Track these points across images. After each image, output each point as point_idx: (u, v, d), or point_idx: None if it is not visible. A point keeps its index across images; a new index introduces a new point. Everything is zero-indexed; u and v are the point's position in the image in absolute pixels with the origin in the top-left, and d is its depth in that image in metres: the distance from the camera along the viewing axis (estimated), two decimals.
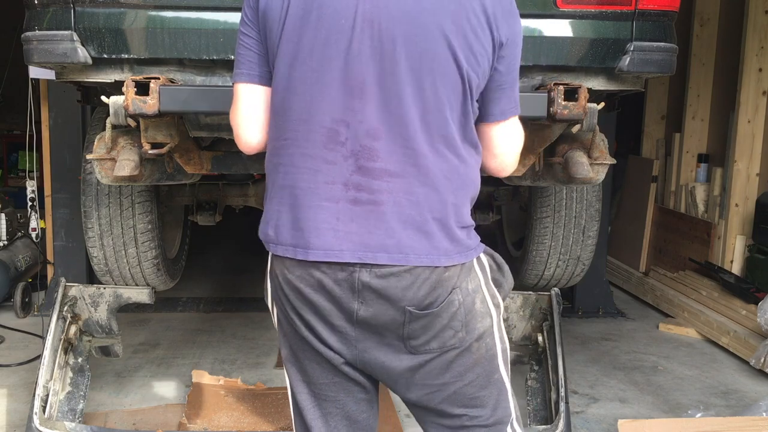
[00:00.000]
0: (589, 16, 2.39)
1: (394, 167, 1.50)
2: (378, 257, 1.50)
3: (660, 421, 3.09)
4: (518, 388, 3.32)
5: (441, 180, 1.54)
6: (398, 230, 1.51)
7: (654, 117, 5.90)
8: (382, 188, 1.51)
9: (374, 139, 1.50)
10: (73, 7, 2.28)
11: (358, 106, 1.50)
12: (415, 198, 1.52)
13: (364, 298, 1.53)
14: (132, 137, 2.58)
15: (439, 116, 1.52)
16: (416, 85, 1.50)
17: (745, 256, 4.84)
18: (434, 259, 1.54)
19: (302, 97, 1.52)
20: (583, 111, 2.31)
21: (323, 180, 1.52)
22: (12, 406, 3.32)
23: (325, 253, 1.51)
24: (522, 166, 2.82)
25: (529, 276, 3.76)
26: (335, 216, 1.51)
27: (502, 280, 1.71)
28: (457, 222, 1.57)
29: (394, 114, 1.50)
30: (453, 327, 1.57)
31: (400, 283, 1.52)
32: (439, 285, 1.55)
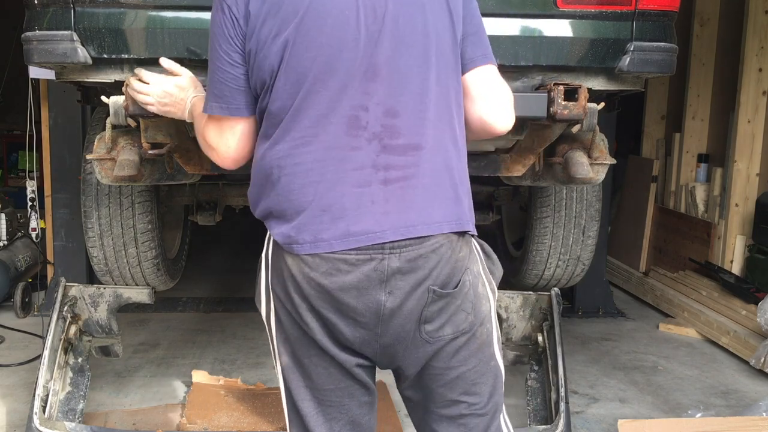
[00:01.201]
0: (589, 16, 2.39)
1: (416, 140, 1.55)
2: (418, 229, 1.54)
3: (660, 421, 3.09)
4: (518, 388, 3.34)
5: (450, 146, 1.60)
6: (431, 199, 1.56)
7: (654, 117, 5.90)
8: (409, 163, 1.55)
9: (393, 117, 1.54)
10: (73, 7, 2.27)
11: (372, 89, 1.53)
12: (438, 165, 1.57)
13: (392, 287, 1.54)
14: (132, 137, 2.58)
15: (442, 85, 1.59)
16: (421, 58, 1.56)
17: (745, 256, 4.84)
18: (463, 224, 1.60)
19: (321, 93, 1.53)
20: (583, 111, 2.31)
21: (351, 167, 1.53)
22: (12, 406, 3.32)
23: (367, 237, 1.52)
24: (522, 166, 2.82)
25: (529, 276, 3.76)
26: (370, 200, 1.53)
27: (493, 268, 1.74)
28: (466, 191, 1.64)
29: (406, 89, 1.55)
30: (465, 309, 1.60)
31: (427, 263, 1.55)
32: (456, 265, 1.59)
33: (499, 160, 2.83)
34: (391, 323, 1.57)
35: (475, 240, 1.69)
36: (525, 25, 2.40)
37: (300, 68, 1.53)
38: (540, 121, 2.45)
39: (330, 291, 1.55)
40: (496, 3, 2.37)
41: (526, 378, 2.95)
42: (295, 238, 1.56)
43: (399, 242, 1.53)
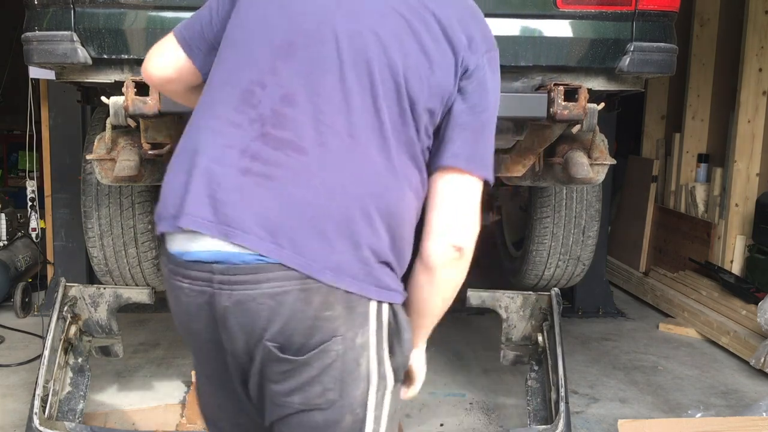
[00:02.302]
0: (589, 17, 2.39)
1: (303, 142, 1.28)
2: (247, 239, 1.24)
3: (660, 421, 3.09)
4: (518, 388, 3.34)
5: (359, 177, 1.29)
6: (285, 215, 1.26)
7: (654, 117, 5.90)
8: (281, 162, 1.27)
9: (288, 105, 1.30)
10: (73, 7, 2.28)
11: (280, 67, 1.33)
12: (319, 184, 1.27)
13: (225, 327, 1.29)
14: (132, 137, 2.58)
15: (367, 102, 1.32)
16: (349, 60, 1.32)
17: (745, 256, 4.84)
18: (319, 271, 1.24)
19: (229, 60, 1.39)
20: (583, 111, 2.31)
21: (222, 142, 1.31)
22: (12, 406, 3.32)
23: (194, 222, 1.28)
24: (522, 167, 2.82)
25: (529, 276, 3.77)
26: (218, 182, 1.28)
27: (397, 348, 1.35)
28: (370, 243, 1.28)
29: (317, 82, 1.31)
30: (322, 383, 1.28)
31: (263, 313, 1.25)
32: (317, 325, 1.25)
33: (499, 161, 2.83)
34: (234, 364, 1.33)
35: (390, 310, 1.33)
36: (525, 26, 2.40)
37: (233, 30, 1.42)
38: (540, 121, 2.46)
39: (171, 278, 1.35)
40: (496, 3, 2.37)
41: (526, 378, 2.95)
42: (159, 209, 1.38)
43: (229, 268, 1.26)
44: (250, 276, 1.25)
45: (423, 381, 1.56)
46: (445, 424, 3.16)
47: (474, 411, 3.31)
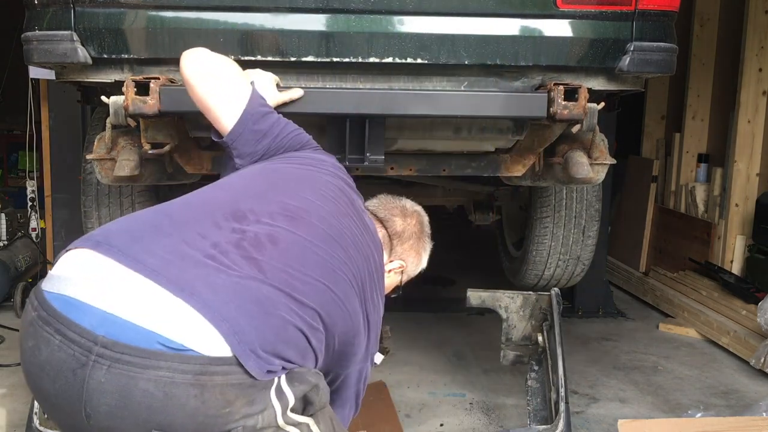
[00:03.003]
0: (589, 16, 2.39)
1: (266, 266, 1.37)
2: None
3: (660, 421, 3.08)
4: (518, 388, 3.33)
5: (280, 323, 1.34)
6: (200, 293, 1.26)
7: (654, 117, 5.90)
8: (242, 263, 1.35)
9: (271, 242, 1.42)
10: (73, 7, 2.27)
11: (280, 219, 1.49)
12: (265, 291, 1.34)
13: (92, 408, 1.22)
14: (132, 137, 2.58)
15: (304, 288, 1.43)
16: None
17: (745, 256, 4.84)
18: (245, 354, 1.24)
19: (246, 181, 1.65)
20: (583, 111, 2.31)
21: (198, 231, 1.39)
22: (12, 406, 3.32)
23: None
24: (522, 166, 2.82)
25: (529, 276, 3.76)
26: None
27: (315, 397, 1.40)
28: (273, 341, 1.31)
29: (304, 251, 1.47)
30: None
31: (146, 402, 1.18)
32: (216, 412, 1.21)
33: (499, 160, 2.83)
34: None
35: (288, 380, 1.33)
36: (525, 25, 2.40)
37: (272, 163, 1.74)
38: (540, 121, 2.45)
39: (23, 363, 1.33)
40: (496, 3, 2.37)
41: (526, 378, 2.95)
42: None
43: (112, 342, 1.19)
44: (137, 359, 1.22)
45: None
46: (445, 424, 3.16)
47: (474, 411, 3.31)
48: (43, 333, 1.25)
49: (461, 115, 2.43)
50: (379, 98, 2.35)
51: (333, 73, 2.41)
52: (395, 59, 2.36)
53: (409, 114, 2.42)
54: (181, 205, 1.51)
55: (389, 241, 1.85)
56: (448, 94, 2.40)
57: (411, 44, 2.35)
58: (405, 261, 1.88)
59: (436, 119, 2.54)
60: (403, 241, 1.87)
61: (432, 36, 2.36)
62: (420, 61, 2.37)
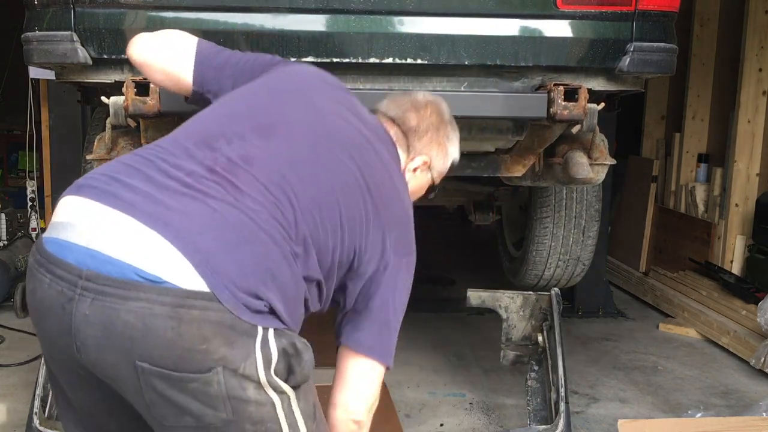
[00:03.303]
0: (589, 17, 2.39)
1: (242, 187, 1.34)
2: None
3: (660, 421, 3.09)
4: (518, 388, 3.33)
5: (263, 247, 1.32)
6: (184, 225, 1.27)
7: (654, 117, 5.90)
8: (215, 189, 1.33)
9: (245, 163, 1.38)
10: (73, 7, 2.28)
11: (251, 138, 1.44)
12: (242, 216, 1.31)
13: (81, 341, 1.25)
14: (132, 138, 2.58)
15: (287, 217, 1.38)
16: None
17: (745, 256, 4.84)
18: (221, 288, 1.23)
19: (215, 112, 1.57)
20: (583, 111, 2.31)
21: (174, 162, 1.38)
22: (12, 406, 3.32)
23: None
24: (522, 167, 2.83)
25: (529, 276, 3.77)
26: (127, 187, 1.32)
27: (297, 367, 1.36)
28: (257, 283, 1.29)
29: (279, 165, 1.42)
30: (215, 407, 1.27)
31: (129, 332, 1.21)
32: (192, 346, 1.22)
33: (499, 161, 2.83)
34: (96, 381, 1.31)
35: (276, 336, 1.32)
36: (525, 26, 2.40)
37: (234, 93, 1.64)
38: (540, 121, 2.46)
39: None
40: (496, 3, 2.37)
41: (526, 378, 2.95)
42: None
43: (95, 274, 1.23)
44: (120, 291, 1.23)
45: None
46: (445, 424, 3.16)
47: (474, 411, 3.31)
48: (38, 274, 1.31)
49: (461, 115, 2.42)
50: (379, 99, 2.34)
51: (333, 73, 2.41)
52: (395, 60, 2.36)
53: None
54: (155, 144, 1.48)
55: (404, 138, 1.70)
56: (448, 95, 2.39)
57: (411, 45, 2.35)
58: (428, 155, 1.73)
59: None
60: (420, 136, 1.71)
61: (432, 36, 2.36)
62: (420, 62, 2.37)
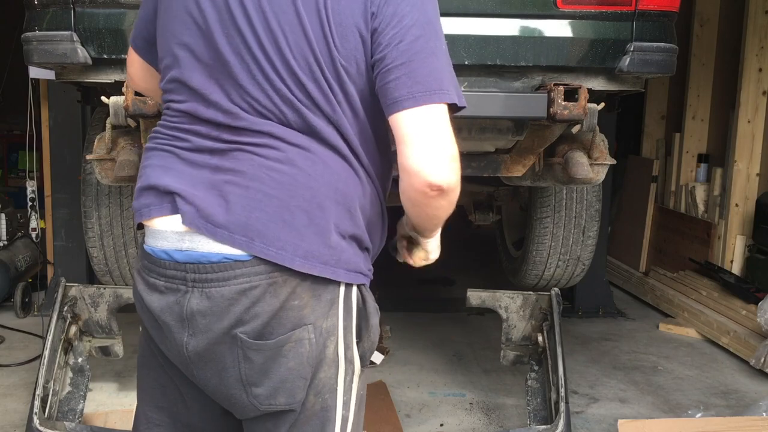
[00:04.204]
0: (589, 17, 2.40)
1: (260, 140, 1.31)
2: (218, 234, 1.27)
3: (660, 421, 3.09)
4: (518, 388, 3.34)
5: (312, 170, 1.30)
6: (252, 209, 1.28)
7: (654, 117, 5.90)
8: (243, 158, 1.30)
9: (233, 119, 1.33)
10: (73, 7, 2.28)
11: (208, 88, 1.34)
12: (278, 178, 1.29)
13: (194, 328, 1.31)
14: (132, 137, 2.58)
15: (298, 97, 1.32)
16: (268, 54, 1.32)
17: (745, 256, 4.84)
18: (289, 259, 1.26)
19: (174, 64, 1.40)
20: (583, 111, 2.31)
21: (189, 146, 1.36)
22: (12, 406, 3.32)
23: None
24: (522, 167, 2.83)
25: (529, 276, 3.77)
26: (191, 181, 1.32)
27: (364, 332, 1.38)
28: (337, 226, 1.31)
29: (249, 93, 1.32)
30: (303, 375, 1.30)
31: (230, 290, 1.27)
32: (285, 315, 1.28)
33: (499, 161, 2.83)
34: (205, 371, 1.35)
35: (358, 294, 1.36)
36: (525, 25, 2.40)
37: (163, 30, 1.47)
38: (540, 121, 2.46)
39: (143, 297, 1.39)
40: (496, 3, 2.37)
41: (526, 378, 2.95)
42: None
43: (201, 268, 1.28)
44: (217, 274, 1.28)
45: (434, 258, 1.60)
46: (445, 424, 3.17)
47: (474, 411, 3.31)
48: (150, 279, 1.36)
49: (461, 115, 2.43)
50: None
51: None
52: None
53: None
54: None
55: None
56: None
57: None
58: None
59: None
60: None
61: None
62: None
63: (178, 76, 1.37)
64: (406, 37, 1.28)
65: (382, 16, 1.28)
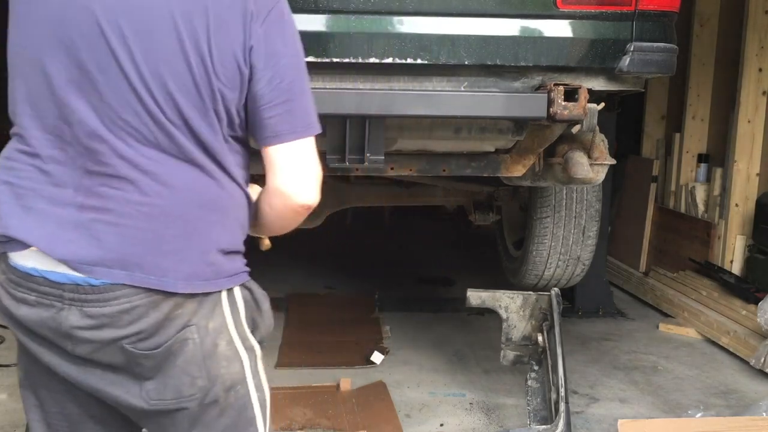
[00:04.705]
0: (589, 17, 2.40)
1: (121, 173, 1.31)
2: (96, 271, 1.29)
3: (660, 421, 3.09)
4: (518, 388, 3.33)
5: (185, 192, 1.34)
6: (127, 244, 1.30)
7: (654, 117, 5.90)
8: (109, 195, 1.31)
9: (96, 141, 1.31)
10: None
11: (74, 104, 1.31)
12: (149, 209, 1.31)
13: (75, 341, 1.33)
14: None
15: (170, 118, 1.32)
16: (142, 80, 1.31)
17: (745, 256, 4.84)
18: (172, 285, 1.31)
19: (25, 84, 1.35)
20: (583, 111, 2.32)
21: (52, 181, 1.33)
22: (12, 406, 3.32)
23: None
24: (522, 167, 2.83)
25: (529, 276, 3.77)
26: (57, 222, 1.31)
27: (259, 320, 1.47)
28: (215, 244, 1.37)
29: (113, 110, 1.30)
30: (190, 372, 1.36)
31: (111, 310, 1.30)
32: (168, 324, 1.33)
33: (499, 161, 2.83)
34: (90, 364, 1.37)
35: (241, 287, 1.43)
36: (525, 26, 2.40)
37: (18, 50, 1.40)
38: (540, 121, 2.46)
39: (10, 308, 1.37)
40: (496, 3, 2.37)
41: (526, 378, 2.95)
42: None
43: (80, 289, 1.29)
44: (99, 295, 1.30)
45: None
46: (445, 424, 3.17)
47: (474, 411, 3.31)
48: (19, 294, 1.35)
49: (461, 115, 2.43)
50: (379, 99, 2.35)
51: (333, 73, 2.42)
52: (395, 60, 2.36)
53: (409, 114, 2.42)
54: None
55: None
56: (448, 95, 2.40)
57: (411, 45, 2.36)
58: None
59: (436, 119, 2.54)
60: None
61: (432, 36, 2.37)
62: (420, 62, 2.37)
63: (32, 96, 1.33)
64: (285, 78, 1.40)
65: (260, 53, 1.36)
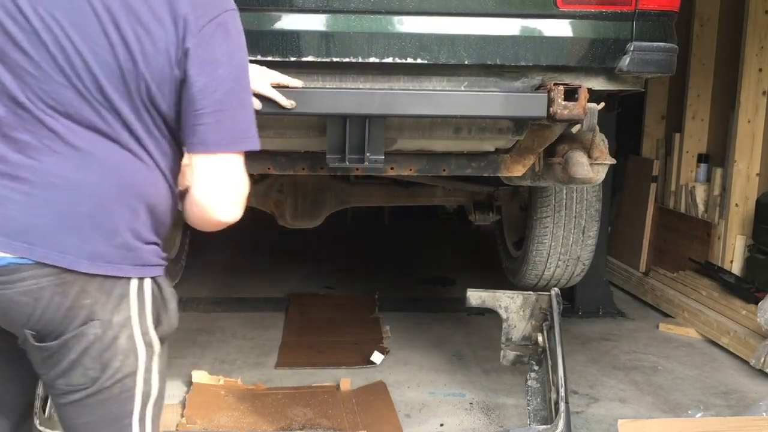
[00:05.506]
0: (589, 16, 2.40)
1: (42, 143, 1.30)
2: (13, 247, 1.28)
3: (660, 421, 3.09)
4: (518, 388, 3.33)
5: (106, 171, 1.33)
6: (34, 215, 1.29)
7: (654, 117, 5.90)
8: (23, 163, 1.30)
9: (20, 108, 1.30)
10: None
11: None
12: (63, 183, 1.30)
13: None
14: None
15: (95, 96, 1.32)
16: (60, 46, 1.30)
17: (745, 256, 4.84)
18: (74, 262, 1.30)
19: None
20: (583, 111, 2.32)
21: None
22: None
23: None
24: (522, 166, 2.83)
25: (529, 276, 3.77)
26: None
27: (164, 317, 1.48)
28: (128, 227, 1.36)
29: (42, 82, 1.30)
30: (83, 364, 1.37)
31: (17, 292, 1.30)
32: (73, 314, 1.33)
33: (499, 160, 2.83)
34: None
35: (153, 284, 1.44)
36: (525, 25, 2.40)
37: None
38: (540, 121, 2.46)
39: None
40: (496, 3, 2.37)
41: (526, 378, 2.95)
42: None
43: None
44: (5, 277, 1.30)
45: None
46: (445, 424, 3.17)
47: (474, 411, 3.31)
48: None
49: (461, 115, 2.43)
50: (379, 98, 2.35)
51: (333, 73, 2.42)
52: (395, 59, 2.36)
53: (409, 114, 2.42)
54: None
55: None
56: (448, 94, 2.40)
57: (411, 44, 2.36)
58: None
59: (436, 119, 2.54)
60: None
61: (432, 36, 2.37)
62: (420, 61, 2.37)
63: None
64: (220, 88, 1.36)
65: (195, 58, 1.33)
